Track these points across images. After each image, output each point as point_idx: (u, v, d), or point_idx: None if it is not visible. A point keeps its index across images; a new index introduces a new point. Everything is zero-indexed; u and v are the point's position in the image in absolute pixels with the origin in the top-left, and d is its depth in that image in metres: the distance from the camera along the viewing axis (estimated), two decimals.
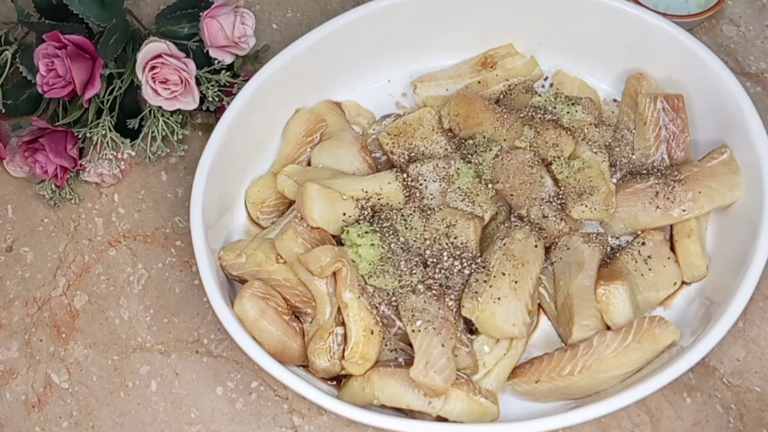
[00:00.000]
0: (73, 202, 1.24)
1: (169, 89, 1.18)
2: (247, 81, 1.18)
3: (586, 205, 1.13)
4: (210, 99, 1.23)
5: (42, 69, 1.17)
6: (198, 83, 1.21)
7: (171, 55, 1.18)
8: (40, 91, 1.18)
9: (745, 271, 1.06)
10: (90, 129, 1.20)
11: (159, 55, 1.17)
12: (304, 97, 1.25)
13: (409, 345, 1.06)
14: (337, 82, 1.26)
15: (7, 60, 1.24)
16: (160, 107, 1.20)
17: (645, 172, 1.17)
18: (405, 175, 1.15)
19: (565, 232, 1.14)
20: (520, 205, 1.14)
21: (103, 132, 1.19)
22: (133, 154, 1.21)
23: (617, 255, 1.14)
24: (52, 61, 1.16)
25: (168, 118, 1.22)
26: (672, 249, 1.14)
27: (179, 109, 1.22)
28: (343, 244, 1.10)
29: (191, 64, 1.19)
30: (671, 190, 1.13)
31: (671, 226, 1.15)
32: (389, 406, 1.06)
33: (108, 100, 1.22)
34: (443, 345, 1.03)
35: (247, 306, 1.07)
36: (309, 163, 1.21)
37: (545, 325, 1.14)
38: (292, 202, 1.18)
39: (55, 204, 1.23)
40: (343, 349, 1.06)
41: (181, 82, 1.18)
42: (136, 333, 1.17)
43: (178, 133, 1.23)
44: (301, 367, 1.11)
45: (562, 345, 1.11)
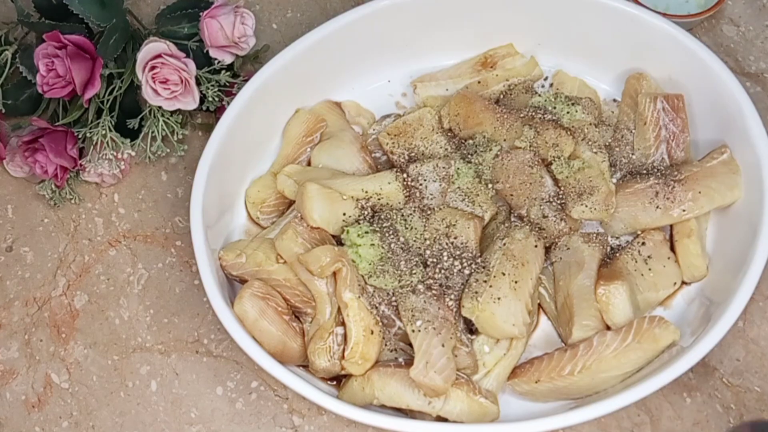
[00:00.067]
0: (73, 202, 1.24)
1: (169, 89, 1.18)
2: (247, 81, 1.18)
3: (586, 205, 1.13)
4: (210, 99, 1.23)
5: (42, 69, 1.17)
6: (198, 83, 1.21)
7: (171, 55, 1.18)
8: (40, 91, 1.18)
9: (745, 271, 1.06)
10: (90, 129, 1.20)
11: (159, 55, 1.17)
12: (304, 97, 1.25)
13: (409, 345, 1.06)
14: (337, 82, 1.26)
15: (7, 60, 1.23)
16: (160, 107, 1.20)
17: (645, 172, 1.17)
18: (405, 175, 1.15)
19: (565, 232, 1.14)
20: (520, 205, 1.14)
21: (103, 132, 1.19)
22: (133, 154, 1.21)
23: (617, 255, 1.14)
24: (52, 61, 1.16)
25: (168, 118, 1.22)
26: (672, 249, 1.14)
27: (179, 109, 1.22)
28: (343, 244, 1.10)
29: (191, 64, 1.19)
30: (671, 190, 1.13)
31: (671, 226, 1.15)
32: (389, 406, 1.06)
33: (108, 100, 1.21)
34: (443, 345, 1.03)
35: (247, 306, 1.07)
36: (309, 163, 1.21)
37: (545, 325, 1.14)
38: (292, 202, 1.18)
39: (55, 204, 1.23)
40: (343, 349, 1.06)
41: (181, 82, 1.18)
42: (136, 333, 1.17)
43: (178, 133, 1.23)
44: (301, 367, 1.10)
45: (562, 345, 1.11)
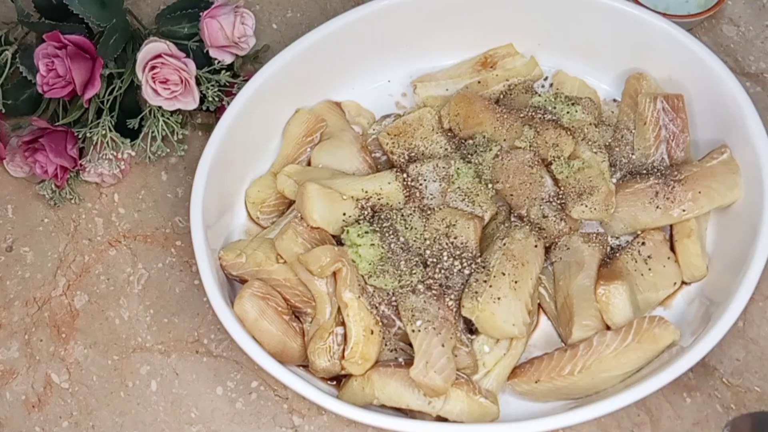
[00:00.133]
0: (73, 202, 1.24)
1: (169, 89, 1.18)
2: (247, 81, 1.18)
3: (586, 205, 1.13)
4: (210, 99, 1.23)
5: (42, 69, 1.17)
6: (198, 83, 1.21)
7: (171, 55, 1.18)
8: (40, 91, 1.18)
9: (745, 271, 1.06)
10: (90, 129, 1.20)
11: (159, 55, 1.17)
12: (304, 97, 1.25)
13: (409, 345, 1.06)
14: (337, 82, 1.26)
15: (7, 60, 1.23)
16: (160, 107, 1.20)
17: (645, 172, 1.17)
18: (405, 175, 1.15)
19: (565, 232, 1.13)
20: (520, 205, 1.14)
21: (103, 132, 1.19)
22: (133, 154, 1.21)
23: (617, 255, 1.14)
24: (52, 61, 1.16)
25: (168, 118, 1.22)
26: (672, 249, 1.14)
27: (179, 109, 1.22)
28: (343, 244, 1.10)
29: (191, 64, 1.19)
30: (671, 190, 1.13)
31: (671, 226, 1.15)
32: (389, 406, 1.06)
33: (108, 100, 1.21)
34: (443, 345, 1.03)
35: (247, 306, 1.07)
36: (309, 163, 1.21)
37: (545, 325, 1.14)
38: (292, 202, 1.18)
39: (55, 204, 1.23)
40: (343, 349, 1.06)
41: (181, 82, 1.18)
42: (136, 333, 1.17)
43: (178, 133, 1.23)
44: (301, 367, 1.10)
45: (562, 345, 1.11)
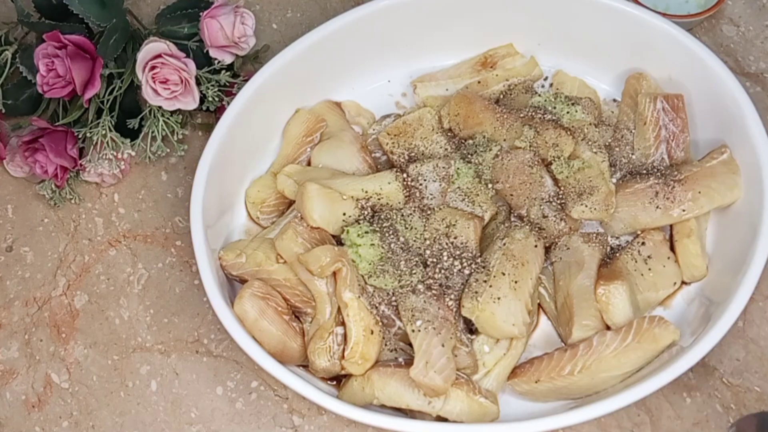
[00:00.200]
0: (73, 202, 1.24)
1: (169, 89, 1.18)
2: (247, 81, 1.18)
3: (586, 205, 1.13)
4: (210, 99, 1.23)
5: (42, 69, 1.17)
6: (198, 83, 1.21)
7: (171, 55, 1.18)
8: (40, 91, 1.18)
9: (745, 271, 1.06)
10: (90, 129, 1.20)
11: (159, 55, 1.17)
12: (304, 97, 1.25)
13: (409, 345, 1.06)
14: (337, 82, 1.26)
15: (7, 60, 1.23)
16: (160, 107, 1.20)
17: (645, 172, 1.17)
18: (405, 175, 1.15)
19: (565, 232, 1.13)
20: (520, 205, 1.14)
21: (103, 132, 1.19)
22: (133, 154, 1.21)
23: (617, 255, 1.14)
24: (52, 61, 1.16)
25: (168, 118, 1.22)
26: (672, 249, 1.14)
27: (179, 109, 1.22)
28: (343, 244, 1.10)
29: (191, 64, 1.19)
30: (671, 190, 1.13)
31: (671, 226, 1.15)
32: (389, 406, 1.06)
33: (108, 100, 1.22)
34: (443, 345, 1.03)
35: (247, 306, 1.07)
36: (309, 163, 1.21)
37: (545, 325, 1.14)
38: (292, 202, 1.18)
39: (55, 204, 1.23)
40: (343, 349, 1.06)
41: (181, 82, 1.18)
42: (136, 333, 1.17)
43: (178, 133, 1.23)
44: (301, 367, 1.10)
45: (562, 345, 1.11)
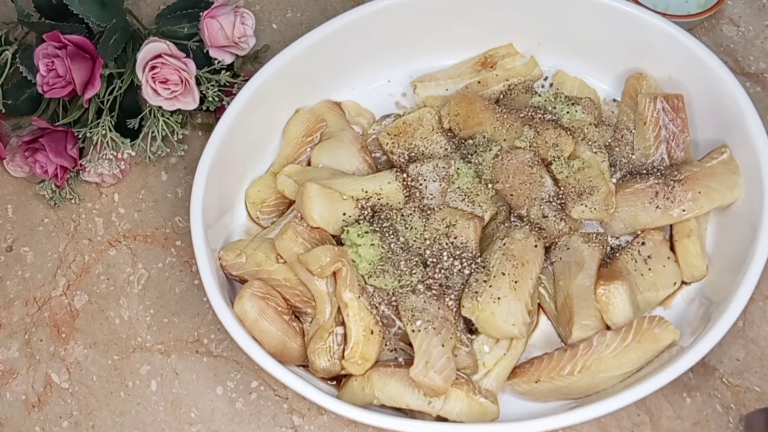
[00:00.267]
0: (73, 202, 1.24)
1: (169, 89, 1.18)
2: (247, 81, 1.18)
3: (586, 205, 1.13)
4: (210, 99, 1.23)
5: (42, 69, 1.17)
6: (198, 83, 1.21)
7: (171, 55, 1.18)
8: (40, 91, 1.18)
9: (745, 271, 1.06)
10: (90, 129, 1.20)
11: (159, 55, 1.17)
12: (304, 97, 1.25)
13: (409, 345, 1.06)
14: (337, 82, 1.26)
15: (7, 60, 1.23)
16: (160, 107, 1.20)
17: (645, 172, 1.17)
18: (405, 175, 1.15)
19: (565, 232, 1.14)
20: (520, 205, 1.14)
21: (103, 132, 1.19)
22: (133, 154, 1.21)
23: (617, 255, 1.14)
24: (52, 61, 1.16)
25: (168, 118, 1.22)
26: (672, 249, 1.14)
27: (179, 109, 1.22)
28: (343, 244, 1.10)
29: (191, 64, 1.19)
30: (671, 190, 1.13)
31: (671, 226, 1.15)
32: (389, 406, 1.06)
33: (108, 100, 1.22)
34: (443, 345, 1.03)
35: (247, 306, 1.07)
36: (309, 163, 1.21)
37: (545, 325, 1.14)
38: (292, 202, 1.18)
39: (55, 204, 1.23)
40: (343, 349, 1.06)
41: (181, 82, 1.18)
42: (136, 333, 1.17)
43: (178, 133, 1.23)
44: (301, 367, 1.11)
45: (562, 345, 1.11)
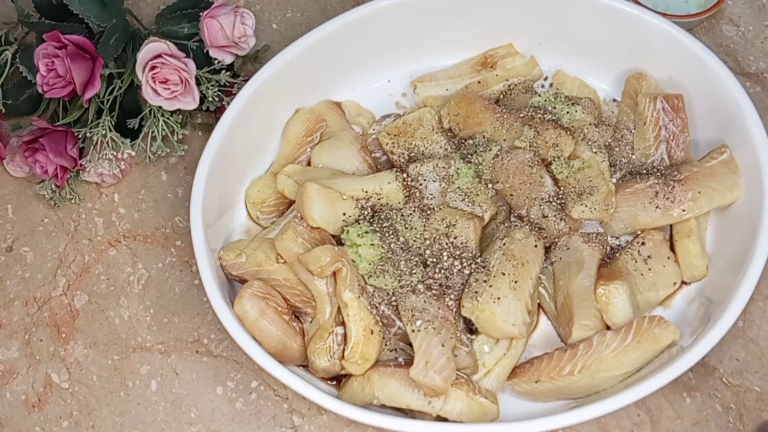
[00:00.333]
0: (73, 202, 1.24)
1: (169, 89, 1.18)
2: (247, 81, 1.18)
3: (586, 205, 1.13)
4: (210, 99, 1.23)
5: (42, 69, 1.17)
6: (198, 83, 1.21)
7: (171, 55, 1.18)
8: (40, 91, 1.18)
9: (744, 271, 1.06)
10: (90, 129, 1.20)
11: (159, 55, 1.17)
12: (304, 97, 1.25)
13: (409, 345, 1.06)
14: (337, 82, 1.26)
15: (7, 60, 1.23)
16: (160, 107, 1.20)
17: (645, 172, 1.17)
18: (405, 175, 1.15)
19: (565, 232, 1.14)
20: (520, 205, 1.14)
21: (103, 132, 1.19)
22: (133, 154, 1.21)
23: (617, 255, 1.14)
24: (52, 61, 1.16)
25: (168, 118, 1.22)
26: (672, 249, 1.14)
27: (179, 109, 1.22)
28: (343, 244, 1.10)
29: (191, 64, 1.19)
30: (671, 190, 1.13)
31: (671, 226, 1.15)
32: (389, 406, 1.06)
33: (108, 100, 1.22)
34: (443, 345, 1.03)
35: (247, 306, 1.07)
36: (309, 163, 1.21)
37: (545, 325, 1.14)
38: (292, 202, 1.18)
39: (55, 204, 1.23)
40: (343, 349, 1.06)
41: (181, 82, 1.18)
42: (136, 333, 1.17)
43: (178, 133, 1.23)
44: (301, 367, 1.11)
45: (562, 345, 1.11)
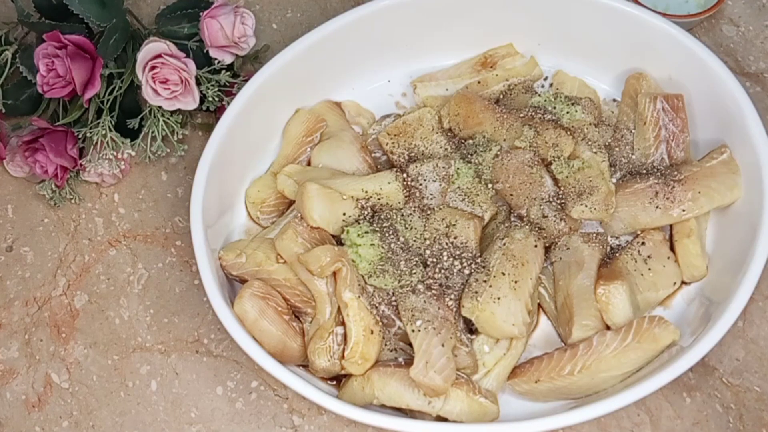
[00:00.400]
0: (73, 202, 1.24)
1: (169, 89, 1.18)
2: (247, 81, 1.18)
3: (586, 205, 1.13)
4: (210, 99, 1.23)
5: (42, 69, 1.17)
6: (198, 83, 1.21)
7: (171, 55, 1.18)
8: (40, 91, 1.18)
9: (744, 271, 1.06)
10: (90, 129, 1.20)
11: (159, 55, 1.17)
12: (304, 97, 1.25)
13: (409, 345, 1.06)
14: (337, 82, 1.26)
15: (7, 60, 1.23)
16: (160, 107, 1.20)
17: (645, 172, 1.17)
18: (405, 175, 1.15)
19: (565, 232, 1.14)
20: (520, 205, 1.14)
21: (103, 132, 1.19)
22: (133, 154, 1.21)
23: (617, 255, 1.14)
24: (53, 61, 1.16)
25: (168, 118, 1.22)
26: (672, 249, 1.14)
27: (179, 109, 1.22)
28: (343, 244, 1.10)
29: (191, 64, 1.19)
30: (671, 190, 1.13)
31: (671, 226, 1.15)
32: (389, 406, 1.06)
33: (108, 100, 1.22)
34: (443, 345, 1.03)
35: (247, 306, 1.07)
36: (309, 163, 1.21)
37: (545, 325, 1.14)
38: (292, 202, 1.18)
39: (55, 204, 1.23)
40: (343, 349, 1.06)
41: (181, 82, 1.18)
42: (136, 333, 1.17)
43: (178, 133, 1.23)
44: (301, 367, 1.11)
45: (562, 345, 1.11)
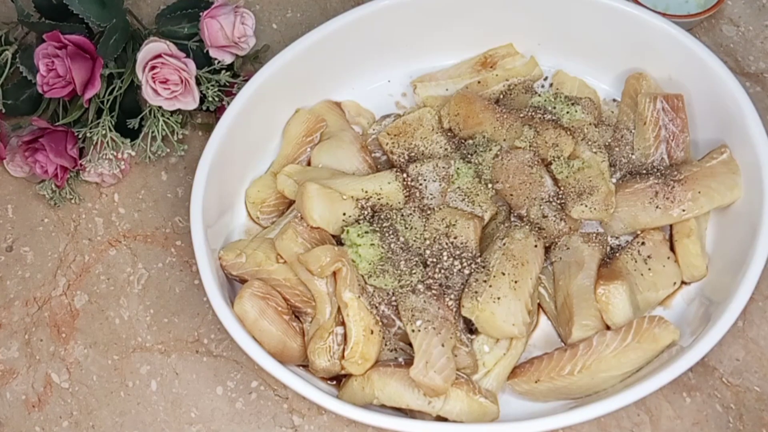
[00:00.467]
0: (73, 202, 1.24)
1: (169, 89, 1.18)
2: (247, 81, 1.18)
3: (586, 205, 1.13)
4: (210, 99, 1.23)
5: (42, 69, 1.17)
6: (198, 83, 1.21)
7: (171, 55, 1.18)
8: (40, 91, 1.18)
9: (744, 271, 1.06)
10: (90, 129, 1.20)
11: (159, 55, 1.17)
12: (304, 97, 1.25)
13: (409, 345, 1.06)
14: (337, 82, 1.26)
15: (7, 60, 1.24)
16: (160, 107, 1.20)
17: (645, 172, 1.17)
18: (405, 175, 1.15)
19: (565, 232, 1.14)
20: (520, 205, 1.14)
21: (103, 132, 1.19)
22: (133, 154, 1.21)
23: (617, 255, 1.14)
24: (53, 61, 1.16)
25: (168, 118, 1.22)
26: (672, 249, 1.14)
27: (179, 109, 1.22)
28: (343, 244, 1.10)
29: (191, 64, 1.19)
30: (671, 190, 1.13)
31: (671, 226, 1.15)
32: (389, 405, 1.06)
33: (108, 100, 1.22)
34: (443, 345, 1.03)
35: (247, 306, 1.07)
36: (309, 163, 1.21)
37: (545, 325, 1.14)
38: (292, 202, 1.18)
39: (55, 204, 1.23)
40: (343, 349, 1.06)
41: (181, 82, 1.18)
42: (136, 333, 1.17)
43: (178, 133, 1.23)
44: (301, 367, 1.11)
45: (562, 345, 1.11)
